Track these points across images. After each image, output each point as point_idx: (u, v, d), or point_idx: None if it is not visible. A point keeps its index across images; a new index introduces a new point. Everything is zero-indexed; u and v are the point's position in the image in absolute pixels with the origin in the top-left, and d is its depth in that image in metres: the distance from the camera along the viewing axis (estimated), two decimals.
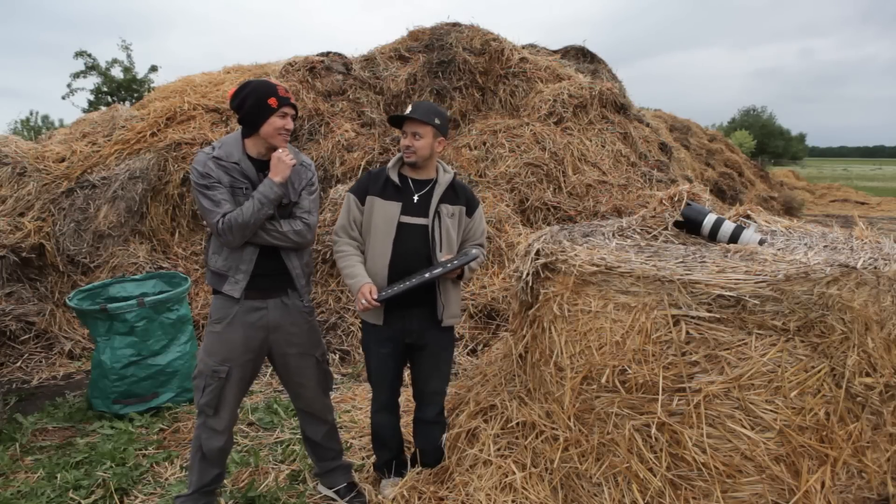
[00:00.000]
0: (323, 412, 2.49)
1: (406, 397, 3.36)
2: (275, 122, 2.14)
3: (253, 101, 2.13)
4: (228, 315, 2.20)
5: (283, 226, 2.20)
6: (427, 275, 2.18)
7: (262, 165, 2.19)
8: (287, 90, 2.21)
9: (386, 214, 2.31)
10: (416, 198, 2.34)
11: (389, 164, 2.40)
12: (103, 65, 15.06)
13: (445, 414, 2.68)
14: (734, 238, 2.34)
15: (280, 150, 2.17)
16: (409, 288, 2.18)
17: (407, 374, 2.60)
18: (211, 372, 2.21)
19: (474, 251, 2.30)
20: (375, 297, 2.19)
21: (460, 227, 2.39)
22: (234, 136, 2.21)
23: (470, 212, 2.42)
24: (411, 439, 2.77)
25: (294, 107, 2.22)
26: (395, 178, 2.35)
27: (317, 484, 2.66)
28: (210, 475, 2.33)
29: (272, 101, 2.13)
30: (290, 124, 2.19)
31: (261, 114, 2.13)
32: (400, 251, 2.29)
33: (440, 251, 2.30)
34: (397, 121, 2.35)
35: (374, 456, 2.70)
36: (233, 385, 2.25)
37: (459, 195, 2.40)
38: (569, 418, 2.15)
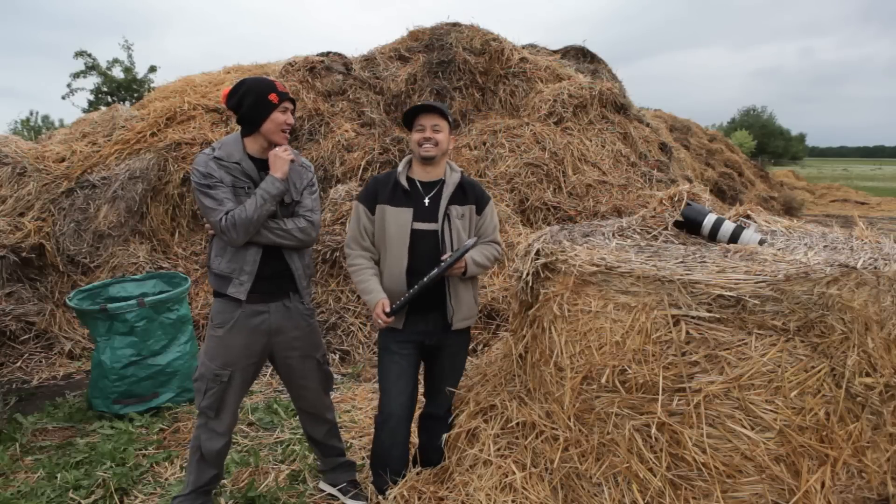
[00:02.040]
0: (324, 411, 2.51)
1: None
2: (277, 117, 2.14)
3: (252, 98, 2.12)
4: (230, 320, 2.20)
5: (287, 223, 2.20)
6: (425, 279, 2.17)
7: (264, 164, 2.19)
8: (284, 85, 2.21)
9: (399, 222, 2.27)
10: (426, 201, 2.30)
11: (399, 169, 2.35)
12: (103, 65, 15.08)
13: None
14: (734, 238, 2.34)
15: (278, 148, 2.17)
16: (413, 296, 2.18)
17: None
18: (213, 376, 2.21)
19: (468, 241, 2.22)
20: (388, 311, 2.19)
21: (471, 226, 2.35)
22: (234, 136, 2.21)
23: (480, 209, 2.37)
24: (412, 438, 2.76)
25: (293, 101, 2.21)
26: (404, 182, 2.30)
27: (319, 481, 2.66)
28: (207, 476, 2.33)
29: (273, 97, 2.12)
30: (290, 119, 2.19)
31: (262, 111, 2.12)
32: (415, 257, 2.27)
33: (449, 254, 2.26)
34: (412, 115, 2.29)
35: (373, 476, 2.49)
36: (234, 388, 2.26)
37: (468, 194, 2.35)
38: (569, 418, 2.15)
